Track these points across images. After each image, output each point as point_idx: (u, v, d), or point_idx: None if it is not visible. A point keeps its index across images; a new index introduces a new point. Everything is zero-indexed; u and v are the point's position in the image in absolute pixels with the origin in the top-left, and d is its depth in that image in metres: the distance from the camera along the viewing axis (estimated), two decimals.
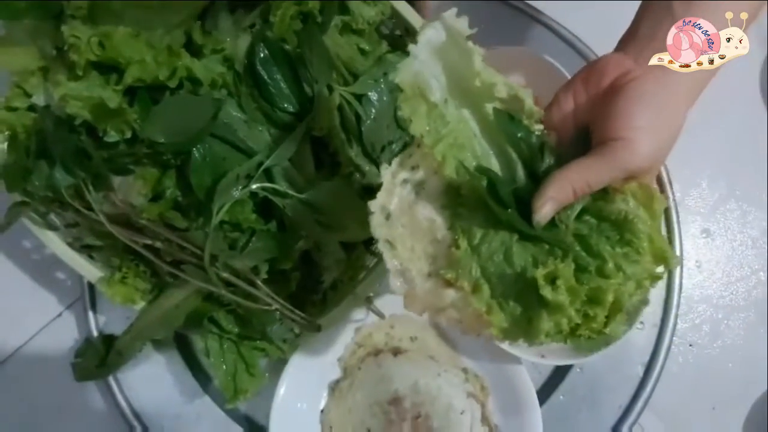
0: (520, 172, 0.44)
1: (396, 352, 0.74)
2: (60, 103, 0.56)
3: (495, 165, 0.44)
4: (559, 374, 0.74)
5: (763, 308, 0.77)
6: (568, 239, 0.41)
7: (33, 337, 0.79)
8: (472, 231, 0.41)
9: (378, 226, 0.43)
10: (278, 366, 0.70)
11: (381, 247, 0.43)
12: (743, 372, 0.75)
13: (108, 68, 0.56)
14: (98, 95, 0.54)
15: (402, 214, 0.43)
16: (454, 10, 0.41)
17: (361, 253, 0.70)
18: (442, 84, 0.43)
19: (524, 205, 0.41)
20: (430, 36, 0.42)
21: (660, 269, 0.41)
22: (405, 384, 0.72)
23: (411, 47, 0.42)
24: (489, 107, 0.44)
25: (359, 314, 0.72)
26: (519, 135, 0.43)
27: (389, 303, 0.74)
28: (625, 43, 0.47)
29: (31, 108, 0.60)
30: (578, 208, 0.42)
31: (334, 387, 0.73)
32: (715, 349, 0.76)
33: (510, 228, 0.41)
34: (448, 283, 0.41)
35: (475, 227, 0.41)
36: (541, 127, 0.45)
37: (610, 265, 0.39)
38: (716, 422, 0.75)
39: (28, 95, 0.59)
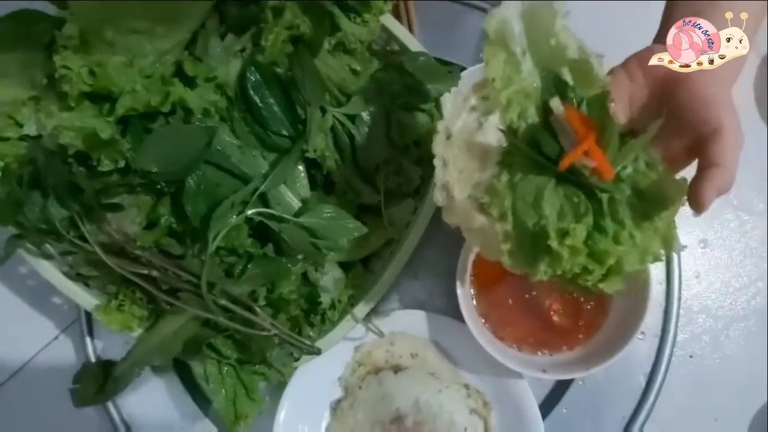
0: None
1: (396, 369, 0.73)
2: (52, 133, 0.55)
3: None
4: (561, 387, 0.74)
5: (763, 318, 0.77)
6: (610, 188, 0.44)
7: (30, 360, 0.78)
8: (516, 169, 0.45)
9: (438, 144, 0.47)
10: (278, 387, 0.69)
11: (435, 162, 0.47)
12: (744, 382, 0.75)
13: (100, 98, 0.55)
14: (91, 125, 0.53)
15: (461, 137, 0.47)
16: None
17: (358, 272, 0.70)
18: (523, 38, 0.46)
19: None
20: None
21: (662, 251, 0.44)
22: (406, 402, 0.71)
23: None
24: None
25: (358, 333, 0.72)
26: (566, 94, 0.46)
27: (388, 320, 0.74)
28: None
29: (23, 138, 0.59)
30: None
31: (335, 407, 0.73)
32: (716, 360, 0.76)
33: (547, 178, 0.45)
34: (482, 208, 0.46)
35: (520, 167, 0.45)
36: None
37: (626, 233, 0.43)
38: None
39: (20, 125, 0.59)
